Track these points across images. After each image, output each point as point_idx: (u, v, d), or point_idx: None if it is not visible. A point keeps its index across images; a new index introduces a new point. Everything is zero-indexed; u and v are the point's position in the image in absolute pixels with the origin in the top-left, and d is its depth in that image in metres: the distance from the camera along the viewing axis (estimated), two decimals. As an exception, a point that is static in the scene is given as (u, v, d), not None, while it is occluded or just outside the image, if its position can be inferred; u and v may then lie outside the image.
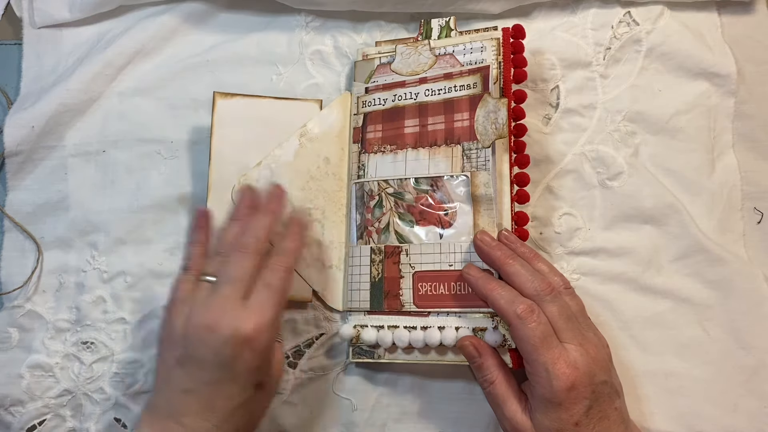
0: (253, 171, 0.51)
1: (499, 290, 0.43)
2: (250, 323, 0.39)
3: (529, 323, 0.40)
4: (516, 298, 0.42)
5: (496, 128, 0.47)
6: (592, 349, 0.41)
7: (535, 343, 0.40)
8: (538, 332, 0.40)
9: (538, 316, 0.41)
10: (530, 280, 0.42)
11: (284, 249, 0.44)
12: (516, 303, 0.41)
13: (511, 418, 0.42)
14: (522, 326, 0.40)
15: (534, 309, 0.41)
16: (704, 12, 0.55)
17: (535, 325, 0.40)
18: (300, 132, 0.52)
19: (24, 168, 0.53)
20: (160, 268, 0.51)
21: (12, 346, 0.50)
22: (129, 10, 0.56)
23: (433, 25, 0.52)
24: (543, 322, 0.41)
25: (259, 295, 0.41)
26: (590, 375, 0.40)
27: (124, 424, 0.50)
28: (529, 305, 0.41)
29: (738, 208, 0.52)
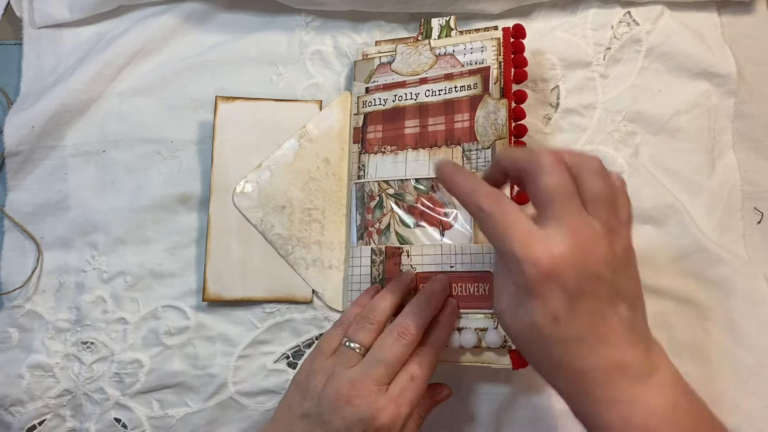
0: (253, 173, 0.51)
1: (463, 183, 0.36)
2: (387, 413, 0.39)
3: (490, 211, 0.34)
4: (479, 187, 0.35)
5: (496, 129, 0.47)
6: (586, 233, 0.33)
7: (498, 230, 0.33)
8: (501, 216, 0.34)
9: (502, 200, 0.34)
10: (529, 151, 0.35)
11: (436, 340, 0.43)
12: (476, 194, 0.35)
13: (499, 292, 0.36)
14: (483, 216, 0.34)
15: (497, 195, 0.35)
16: (704, 12, 0.55)
17: (498, 210, 0.34)
18: (300, 133, 0.52)
19: (24, 168, 0.53)
20: (160, 268, 0.51)
21: (12, 346, 0.50)
22: (129, 10, 0.56)
23: (433, 25, 0.52)
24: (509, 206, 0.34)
25: (402, 385, 0.40)
26: (573, 261, 0.32)
27: (124, 424, 0.50)
28: (491, 192, 0.35)
29: (738, 208, 0.52)
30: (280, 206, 0.51)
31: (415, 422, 0.43)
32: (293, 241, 0.50)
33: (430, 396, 0.44)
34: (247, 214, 0.50)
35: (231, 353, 0.50)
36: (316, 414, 0.40)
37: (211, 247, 0.50)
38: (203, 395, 0.50)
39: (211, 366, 0.50)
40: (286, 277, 0.50)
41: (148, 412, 0.50)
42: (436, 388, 0.45)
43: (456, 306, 0.45)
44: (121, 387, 0.50)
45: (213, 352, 0.50)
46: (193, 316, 0.51)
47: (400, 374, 0.41)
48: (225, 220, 0.50)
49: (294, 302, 0.50)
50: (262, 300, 0.50)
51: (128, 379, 0.50)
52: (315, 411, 0.40)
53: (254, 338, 0.50)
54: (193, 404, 0.50)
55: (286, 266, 0.50)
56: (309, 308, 0.51)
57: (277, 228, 0.51)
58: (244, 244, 0.50)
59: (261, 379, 0.50)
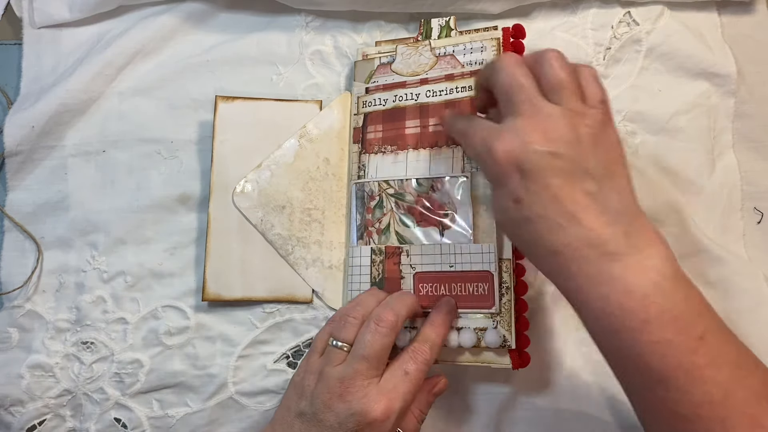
0: (253, 173, 0.51)
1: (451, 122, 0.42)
2: (380, 406, 0.39)
3: (460, 127, 0.40)
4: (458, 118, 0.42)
5: (497, 130, 0.46)
6: (541, 118, 0.35)
7: (466, 139, 0.38)
8: (470, 127, 0.38)
9: (472, 117, 0.40)
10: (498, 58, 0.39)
11: (429, 338, 0.43)
12: (455, 122, 0.41)
13: None
14: (460, 138, 0.40)
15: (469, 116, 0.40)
16: (704, 12, 0.55)
17: (467, 124, 0.39)
18: (300, 133, 0.52)
19: (24, 168, 0.53)
20: (160, 268, 0.51)
21: (12, 346, 0.50)
22: (129, 10, 0.56)
23: (433, 25, 0.52)
24: (476, 119, 0.39)
25: (394, 381, 0.41)
26: (524, 143, 0.34)
27: (124, 424, 0.50)
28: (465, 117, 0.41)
29: (738, 208, 0.52)
30: (280, 206, 0.51)
31: (416, 418, 0.43)
32: (293, 241, 0.50)
33: (427, 390, 0.44)
34: (247, 214, 0.50)
35: (231, 353, 0.50)
36: (311, 413, 0.40)
37: (210, 246, 0.50)
38: (203, 395, 0.50)
39: (211, 366, 0.50)
40: (286, 277, 0.50)
41: (148, 412, 0.50)
42: (432, 380, 0.45)
43: (453, 305, 0.45)
44: (121, 387, 0.50)
45: (213, 352, 0.50)
46: (193, 316, 0.51)
47: (393, 369, 0.41)
48: (225, 220, 0.50)
49: (294, 302, 0.50)
50: (262, 300, 0.50)
51: (128, 379, 0.50)
52: (309, 410, 0.40)
53: (254, 338, 0.50)
54: (193, 404, 0.50)
55: (286, 266, 0.50)
56: (309, 308, 0.51)
57: (277, 228, 0.51)
58: (244, 244, 0.50)
59: (261, 379, 0.50)
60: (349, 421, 0.39)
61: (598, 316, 0.34)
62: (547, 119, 0.34)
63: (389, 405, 0.39)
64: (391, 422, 0.39)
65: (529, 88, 0.36)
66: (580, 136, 0.34)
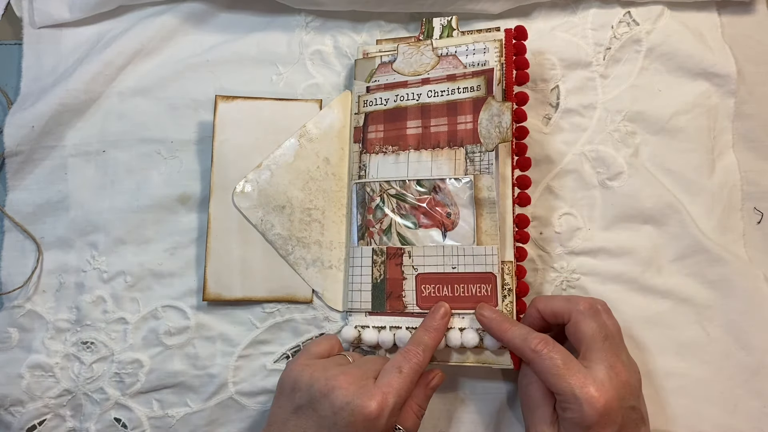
0: (252, 173, 0.51)
1: (513, 330, 0.43)
2: (375, 400, 0.39)
3: (546, 354, 0.41)
4: (529, 334, 0.42)
5: (500, 132, 0.46)
6: (623, 373, 0.41)
7: (557, 372, 0.40)
8: (558, 360, 0.40)
9: (554, 345, 0.41)
10: (567, 300, 0.43)
11: (422, 341, 0.44)
12: (528, 339, 0.42)
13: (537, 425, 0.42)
14: (539, 359, 0.41)
15: (548, 340, 0.41)
16: (704, 12, 0.55)
17: (554, 354, 0.40)
18: (299, 132, 0.52)
19: (24, 168, 0.52)
20: (160, 268, 0.51)
21: (12, 346, 0.50)
22: (129, 10, 0.56)
23: (434, 25, 0.52)
24: (561, 350, 0.41)
25: (389, 377, 0.41)
26: (620, 399, 0.40)
27: (124, 424, 0.50)
28: (543, 338, 0.41)
29: (738, 208, 0.52)
30: (280, 206, 0.51)
31: (415, 413, 0.43)
32: (293, 241, 0.50)
33: (423, 385, 0.44)
34: (247, 214, 0.50)
35: (231, 353, 0.50)
36: (307, 403, 0.40)
37: (210, 247, 0.50)
38: (203, 395, 0.50)
39: (211, 366, 0.50)
40: (286, 277, 0.50)
41: (148, 412, 0.50)
42: (428, 374, 0.45)
43: (448, 309, 0.46)
44: (121, 387, 0.50)
45: (213, 352, 0.50)
46: (193, 316, 0.51)
47: (387, 368, 0.42)
48: (225, 220, 0.50)
49: (294, 302, 0.50)
50: (262, 300, 0.50)
51: (128, 379, 0.50)
52: (306, 400, 0.41)
53: (254, 338, 0.50)
54: (193, 404, 0.50)
55: (286, 266, 0.50)
56: (309, 308, 0.51)
57: (277, 228, 0.51)
58: (244, 244, 0.50)
59: (261, 379, 0.50)
60: (345, 410, 0.39)
61: None
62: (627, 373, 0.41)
63: (384, 399, 0.40)
64: (384, 417, 0.40)
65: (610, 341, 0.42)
66: (638, 384, 0.42)
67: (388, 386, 0.40)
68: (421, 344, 0.44)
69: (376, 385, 0.40)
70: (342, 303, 0.50)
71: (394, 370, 0.42)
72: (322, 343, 0.46)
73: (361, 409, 0.39)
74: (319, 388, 0.40)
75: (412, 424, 0.43)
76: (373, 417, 0.39)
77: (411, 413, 0.43)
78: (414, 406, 0.43)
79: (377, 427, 0.39)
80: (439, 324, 0.45)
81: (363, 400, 0.39)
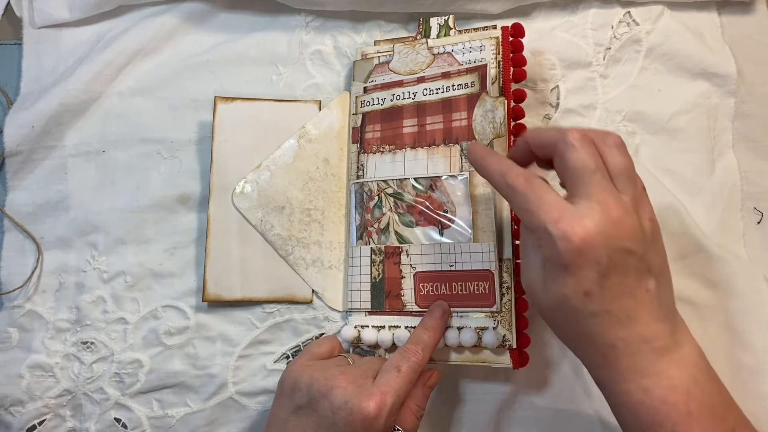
0: (252, 173, 0.51)
1: (494, 163, 0.38)
2: (374, 400, 0.39)
3: (520, 188, 0.35)
4: (510, 168, 0.37)
5: (494, 127, 0.46)
6: (616, 209, 0.34)
7: (530, 208, 0.35)
8: (532, 194, 0.35)
9: (533, 180, 0.36)
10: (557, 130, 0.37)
11: (421, 340, 0.44)
12: (508, 173, 0.36)
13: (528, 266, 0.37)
14: (514, 194, 0.36)
15: (528, 175, 0.36)
16: (704, 12, 0.55)
17: (529, 189, 0.35)
18: (299, 133, 0.52)
19: (24, 168, 0.53)
20: (160, 268, 0.51)
21: (12, 346, 0.50)
22: (129, 10, 0.56)
23: (432, 24, 0.52)
24: (540, 185, 0.35)
25: (387, 376, 0.41)
26: (605, 236, 0.33)
27: (124, 424, 0.50)
28: (521, 173, 0.36)
29: (738, 208, 0.52)
30: (280, 206, 0.51)
31: (414, 413, 0.43)
32: (293, 241, 0.50)
33: (421, 384, 0.44)
34: (247, 215, 0.50)
35: (231, 353, 0.50)
36: (306, 403, 0.40)
37: (210, 247, 0.50)
38: (203, 395, 0.50)
39: (211, 366, 0.50)
40: (286, 277, 0.50)
41: (148, 412, 0.50)
42: (425, 374, 0.45)
43: (447, 308, 0.46)
44: (121, 387, 0.50)
45: (213, 352, 0.50)
46: (193, 316, 0.51)
47: (386, 368, 0.42)
48: (225, 221, 0.50)
49: (294, 302, 0.50)
50: (262, 300, 0.50)
51: (128, 379, 0.50)
52: (305, 400, 0.40)
53: (254, 338, 0.50)
54: (193, 404, 0.50)
55: (286, 266, 0.50)
56: (309, 308, 0.51)
57: (277, 228, 0.51)
58: (243, 245, 0.50)
59: (261, 379, 0.50)
60: (343, 410, 0.39)
61: (636, 409, 0.34)
62: (623, 212, 0.34)
63: (382, 399, 0.39)
64: (383, 417, 0.39)
65: (603, 173, 0.35)
66: (645, 230, 0.35)
67: (386, 386, 0.40)
68: (420, 343, 0.43)
69: (375, 384, 0.40)
70: (342, 303, 0.50)
71: (392, 369, 0.41)
72: (323, 344, 0.46)
73: (360, 409, 0.39)
74: (319, 388, 0.40)
75: (411, 425, 0.42)
76: (372, 417, 0.39)
77: (410, 413, 0.43)
78: (413, 406, 0.43)
79: (376, 427, 0.39)
80: (437, 323, 0.45)
81: (361, 399, 0.39)
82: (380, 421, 0.39)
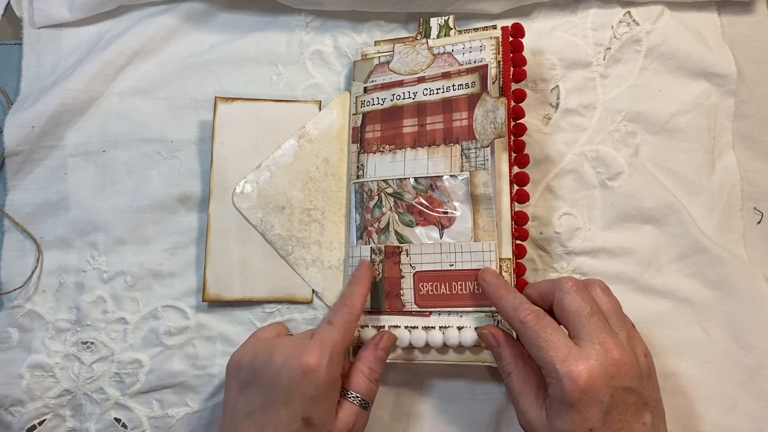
0: (252, 173, 0.51)
1: (507, 298, 0.42)
2: (310, 354, 0.40)
3: (532, 326, 0.39)
4: (522, 304, 0.41)
5: (495, 127, 0.46)
6: (616, 350, 0.38)
7: (540, 344, 0.38)
8: (542, 333, 0.39)
9: (543, 318, 0.39)
10: (552, 281, 0.41)
11: (351, 293, 0.45)
12: (519, 309, 0.40)
13: (525, 412, 0.40)
14: (526, 331, 0.39)
15: (539, 313, 0.40)
16: (704, 12, 0.55)
17: (539, 328, 0.39)
18: (299, 133, 0.52)
19: (24, 168, 0.53)
20: (160, 268, 0.51)
21: (12, 346, 0.50)
22: (129, 10, 0.56)
23: (432, 24, 0.52)
24: (549, 324, 0.39)
25: (320, 330, 0.42)
26: (608, 376, 0.37)
27: (124, 424, 0.50)
28: (533, 310, 0.40)
29: (738, 208, 0.52)
30: (280, 206, 0.51)
31: (366, 376, 0.43)
32: (293, 241, 0.51)
33: (372, 347, 0.45)
34: (247, 215, 0.50)
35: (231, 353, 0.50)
36: (251, 378, 0.41)
37: (210, 247, 0.50)
38: (203, 395, 0.50)
39: (211, 366, 0.50)
40: (286, 277, 0.50)
41: (148, 412, 0.50)
42: (375, 336, 0.46)
43: (369, 263, 0.47)
44: (121, 387, 0.50)
45: (213, 352, 0.50)
46: (193, 316, 0.51)
47: (319, 325, 0.43)
48: (225, 221, 0.50)
49: (294, 302, 0.50)
50: (262, 300, 0.50)
51: (128, 379, 0.50)
52: (251, 375, 0.41)
53: (254, 338, 0.50)
54: (193, 404, 0.50)
55: (286, 266, 0.50)
56: (309, 308, 0.51)
57: (277, 228, 0.51)
58: (243, 245, 0.50)
59: (261, 379, 0.50)
60: (284, 369, 0.39)
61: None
62: (622, 352, 0.38)
63: (320, 350, 0.40)
64: (323, 367, 0.40)
65: (599, 315, 0.39)
66: (642, 366, 0.39)
67: (321, 339, 0.41)
68: (350, 296, 0.44)
69: (311, 341, 0.41)
70: (342, 303, 0.50)
71: (324, 324, 0.42)
72: (268, 329, 0.46)
73: (299, 363, 0.39)
74: (261, 358, 0.41)
75: (365, 388, 0.43)
76: (313, 368, 0.39)
77: (362, 377, 0.43)
78: (364, 369, 0.43)
79: (318, 377, 0.39)
80: (363, 273, 0.46)
81: (300, 356, 0.40)
82: (320, 371, 0.39)
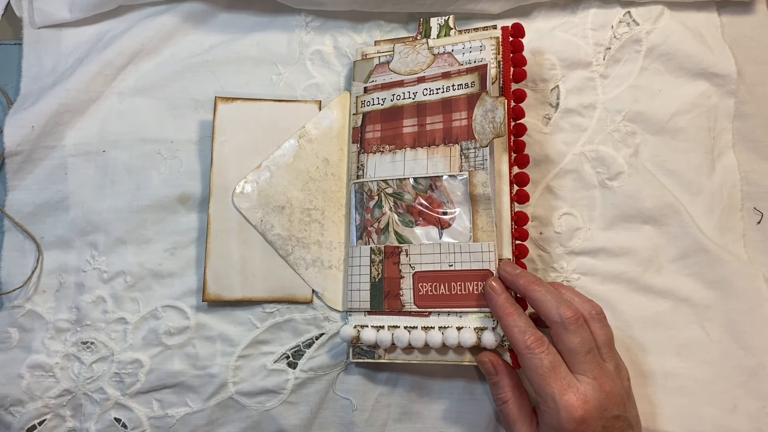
0: (252, 173, 0.51)
1: (514, 317, 0.42)
2: None
3: (537, 354, 0.40)
4: (528, 328, 0.42)
5: (494, 127, 0.46)
6: (608, 383, 0.40)
7: (542, 373, 0.40)
8: (546, 362, 0.40)
9: (547, 347, 0.41)
10: (555, 307, 0.41)
11: None
12: (527, 334, 0.41)
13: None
14: (530, 356, 0.41)
15: (543, 341, 0.41)
16: (704, 12, 0.55)
17: (544, 356, 0.40)
18: (299, 133, 0.52)
19: (24, 168, 0.53)
20: (160, 268, 0.51)
21: (12, 346, 0.50)
22: (129, 10, 0.56)
23: (432, 24, 0.52)
24: (552, 353, 0.41)
25: None
26: (601, 409, 0.40)
27: (124, 424, 0.50)
28: (539, 337, 0.41)
29: (738, 208, 0.52)
30: (280, 206, 0.51)
31: None
32: (293, 241, 0.51)
33: None
34: (247, 215, 0.50)
35: (231, 353, 0.50)
36: None
37: (210, 247, 0.50)
38: (203, 395, 0.50)
39: (211, 366, 0.50)
40: (286, 277, 0.50)
41: (148, 412, 0.50)
42: None
43: None
44: (121, 387, 0.50)
45: (213, 352, 0.50)
46: (193, 316, 0.51)
47: None
48: (225, 221, 0.50)
49: (294, 302, 0.50)
50: (262, 300, 0.50)
51: (128, 379, 0.50)
52: None
53: (254, 338, 0.50)
54: (193, 404, 0.50)
55: (286, 266, 0.50)
56: (309, 308, 0.51)
57: (277, 228, 0.51)
58: (243, 245, 0.50)
59: (261, 379, 0.50)
60: None
61: None
62: (612, 383, 0.41)
63: None
64: None
65: (595, 352, 0.41)
66: (626, 390, 0.42)
67: None
68: None
69: None
70: (342, 303, 0.50)
71: None
72: None
73: None
74: None
75: None
76: None
77: None
78: None
79: None
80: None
81: None
82: None
